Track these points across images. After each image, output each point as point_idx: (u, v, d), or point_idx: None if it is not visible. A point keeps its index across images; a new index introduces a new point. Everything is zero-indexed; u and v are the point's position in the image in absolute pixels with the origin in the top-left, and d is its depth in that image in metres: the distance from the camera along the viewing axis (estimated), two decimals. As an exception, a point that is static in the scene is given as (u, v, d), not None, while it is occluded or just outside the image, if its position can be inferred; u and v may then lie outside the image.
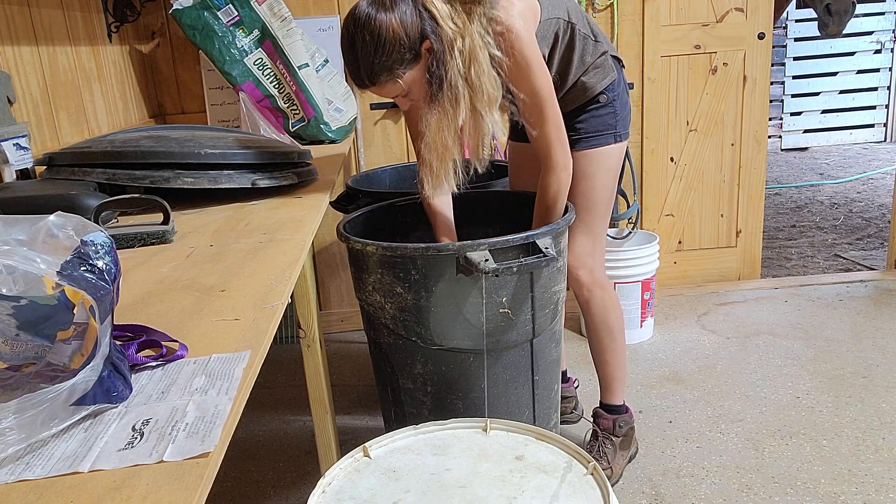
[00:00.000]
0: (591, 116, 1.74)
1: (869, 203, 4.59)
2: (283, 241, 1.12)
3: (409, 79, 1.41)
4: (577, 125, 1.74)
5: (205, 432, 0.58)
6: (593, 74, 1.70)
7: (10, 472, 0.54)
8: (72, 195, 1.25)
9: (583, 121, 1.74)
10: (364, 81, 1.41)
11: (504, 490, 1.06)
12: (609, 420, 1.94)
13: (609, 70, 1.73)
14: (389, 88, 1.42)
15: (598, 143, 1.74)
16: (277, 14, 2.33)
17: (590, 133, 1.74)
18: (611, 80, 1.73)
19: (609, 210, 1.82)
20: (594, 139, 1.74)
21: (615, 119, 1.75)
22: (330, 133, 2.36)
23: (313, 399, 1.56)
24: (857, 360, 2.46)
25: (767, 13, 2.92)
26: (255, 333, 0.77)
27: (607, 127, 1.74)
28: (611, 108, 1.74)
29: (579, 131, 1.74)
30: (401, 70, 1.39)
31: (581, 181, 1.75)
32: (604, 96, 1.73)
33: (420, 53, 1.39)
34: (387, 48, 1.35)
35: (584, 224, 1.79)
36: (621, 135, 1.77)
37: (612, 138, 1.75)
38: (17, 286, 0.59)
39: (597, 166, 1.75)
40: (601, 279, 1.84)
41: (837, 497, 1.78)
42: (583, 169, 1.75)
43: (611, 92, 1.73)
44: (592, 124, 1.74)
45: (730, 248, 3.18)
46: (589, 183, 1.76)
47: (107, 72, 2.30)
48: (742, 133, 3.03)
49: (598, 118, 1.74)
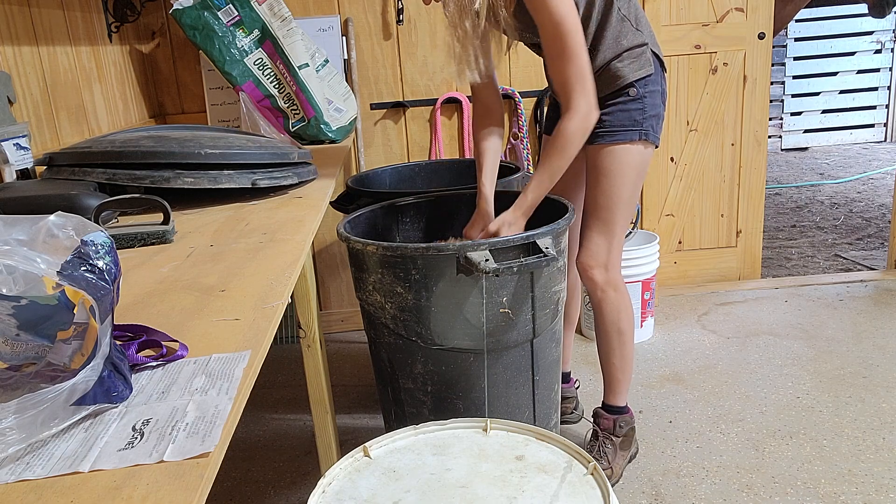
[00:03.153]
0: (618, 109, 1.66)
1: (869, 203, 4.59)
2: (283, 241, 1.12)
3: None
4: (603, 117, 1.64)
5: (205, 432, 0.58)
6: (627, 62, 1.63)
7: (10, 471, 0.54)
8: (72, 195, 1.25)
9: (608, 113, 1.66)
10: None
11: (504, 490, 1.06)
12: (610, 420, 1.94)
13: (645, 63, 1.64)
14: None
15: (622, 138, 1.67)
16: (277, 14, 2.33)
17: (615, 127, 1.67)
18: (645, 72, 1.64)
19: (630, 211, 1.76)
20: (619, 134, 1.67)
21: (643, 116, 1.66)
22: (330, 133, 2.36)
23: (313, 399, 1.56)
24: (858, 360, 2.46)
25: (767, 13, 2.92)
26: (256, 333, 0.77)
27: (634, 123, 1.66)
28: (640, 104, 1.65)
29: (604, 124, 1.66)
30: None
31: (602, 179, 1.70)
32: (634, 89, 1.64)
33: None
34: None
35: (601, 222, 1.75)
36: (648, 134, 1.68)
37: (636, 135, 1.66)
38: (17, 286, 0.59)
39: (620, 164, 1.68)
40: (615, 280, 1.81)
41: (838, 497, 1.78)
42: (605, 166, 1.69)
43: (643, 87, 1.65)
44: (619, 118, 1.66)
45: (730, 248, 3.18)
46: (610, 181, 1.70)
47: (107, 72, 2.30)
48: (742, 133, 3.03)
49: (626, 112, 1.66)
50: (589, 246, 1.78)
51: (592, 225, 1.77)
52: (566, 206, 1.65)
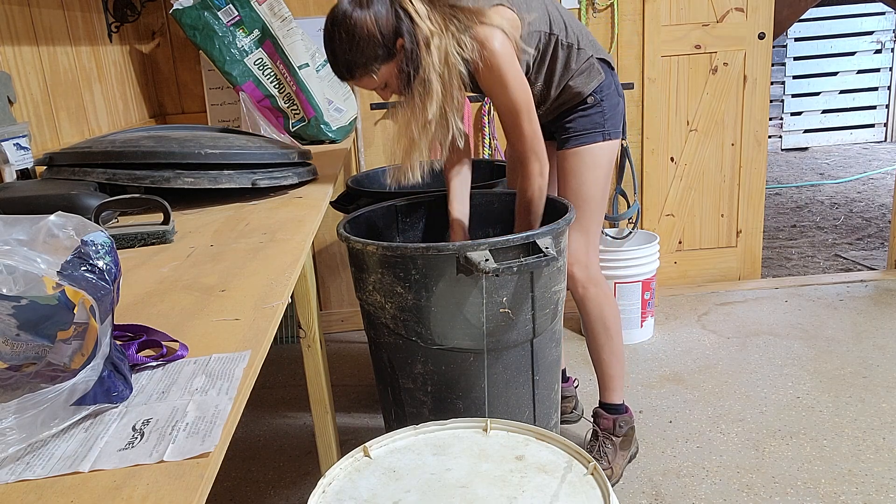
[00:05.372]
0: (579, 116, 1.78)
1: (869, 203, 4.59)
2: (283, 241, 1.12)
3: (383, 73, 1.49)
4: (567, 125, 1.80)
5: (205, 432, 0.58)
6: (579, 79, 1.75)
7: (10, 471, 0.54)
8: (72, 195, 1.25)
9: (572, 121, 1.79)
10: (343, 75, 1.52)
11: (504, 490, 1.06)
12: (609, 420, 1.94)
13: (595, 73, 1.76)
14: (366, 82, 1.51)
15: (586, 140, 1.78)
16: (278, 14, 2.33)
17: (578, 132, 1.78)
18: (598, 82, 1.76)
19: (602, 208, 1.84)
20: (583, 137, 1.78)
21: (603, 118, 1.78)
22: (330, 133, 2.36)
23: (313, 399, 1.56)
24: (858, 360, 2.46)
25: (768, 13, 2.92)
26: (256, 333, 0.77)
27: (595, 126, 1.78)
28: (599, 109, 1.77)
29: (569, 131, 1.79)
30: (375, 66, 1.47)
31: (572, 179, 1.80)
32: (592, 97, 1.77)
33: (394, 50, 1.46)
34: (361, 45, 1.44)
35: (576, 221, 1.81)
36: (610, 133, 1.80)
37: (600, 136, 1.78)
38: (17, 286, 0.59)
39: (587, 164, 1.79)
40: (596, 276, 1.86)
41: (838, 497, 1.78)
42: (573, 167, 1.79)
43: (599, 93, 1.77)
44: (581, 123, 1.78)
45: (730, 248, 3.18)
46: (579, 180, 1.79)
47: (107, 72, 2.30)
48: (742, 133, 3.03)
49: (587, 117, 1.78)
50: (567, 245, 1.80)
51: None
52: (566, 205, 1.65)
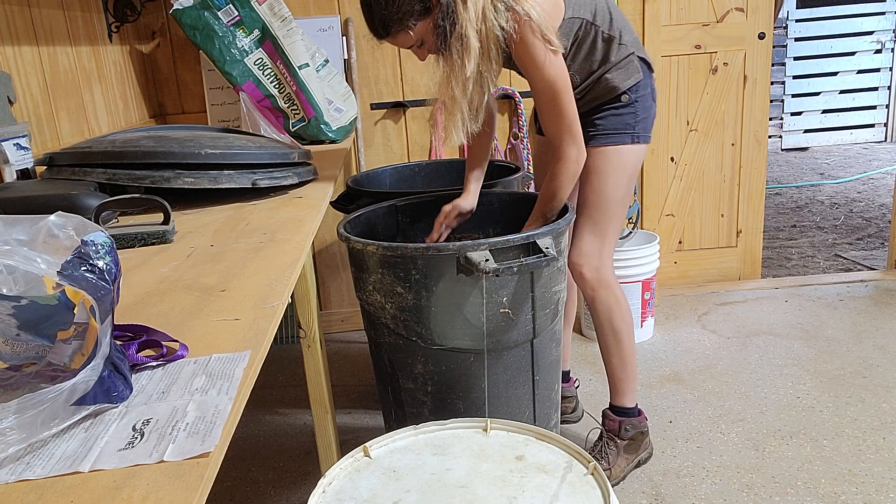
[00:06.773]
0: (610, 114, 1.74)
1: (869, 203, 4.59)
2: (283, 241, 1.12)
3: (420, 30, 1.50)
4: (596, 121, 1.74)
5: (205, 432, 0.58)
6: (616, 73, 1.70)
7: (10, 471, 0.54)
8: (72, 195, 1.25)
9: (602, 118, 1.74)
10: (379, 32, 1.52)
11: (504, 490, 1.06)
12: (615, 422, 1.94)
13: (634, 71, 1.72)
14: (402, 39, 1.52)
15: (614, 141, 1.74)
16: (278, 14, 2.33)
17: (608, 130, 1.74)
18: (635, 80, 1.72)
19: (622, 212, 1.80)
20: (611, 137, 1.74)
21: (635, 120, 1.74)
22: (330, 133, 2.36)
23: (313, 399, 1.56)
24: (858, 360, 2.46)
25: (768, 13, 2.92)
26: (256, 333, 0.77)
27: (626, 126, 1.74)
28: (631, 109, 1.73)
29: (598, 128, 1.74)
30: (411, 21, 1.48)
31: (594, 178, 1.75)
32: (626, 96, 1.72)
33: (430, 5, 1.46)
34: (397, 1, 1.44)
35: (592, 221, 1.77)
36: (640, 137, 1.76)
37: (629, 138, 1.74)
38: (17, 286, 0.59)
39: (611, 165, 1.75)
40: (607, 279, 1.82)
41: (838, 497, 1.78)
42: (597, 166, 1.74)
43: (634, 93, 1.72)
44: (611, 122, 1.74)
45: (730, 248, 3.18)
46: (602, 180, 1.75)
47: (107, 72, 2.30)
48: (742, 133, 3.03)
49: (618, 117, 1.73)
50: (580, 245, 1.79)
51: (584, 224, 1.79)
52: (566, 205, 1.65)
